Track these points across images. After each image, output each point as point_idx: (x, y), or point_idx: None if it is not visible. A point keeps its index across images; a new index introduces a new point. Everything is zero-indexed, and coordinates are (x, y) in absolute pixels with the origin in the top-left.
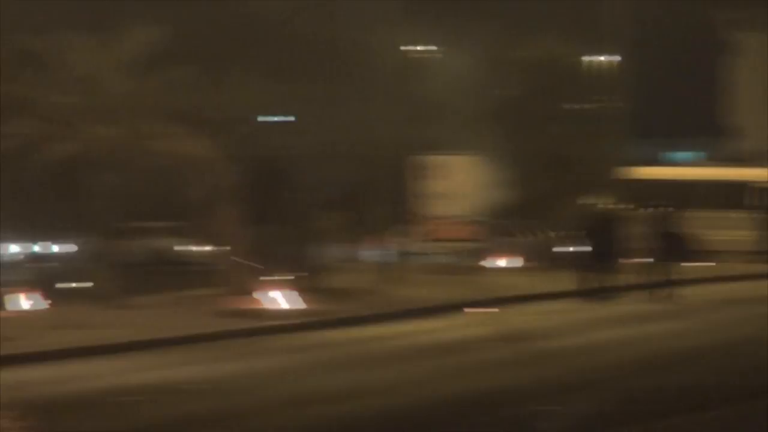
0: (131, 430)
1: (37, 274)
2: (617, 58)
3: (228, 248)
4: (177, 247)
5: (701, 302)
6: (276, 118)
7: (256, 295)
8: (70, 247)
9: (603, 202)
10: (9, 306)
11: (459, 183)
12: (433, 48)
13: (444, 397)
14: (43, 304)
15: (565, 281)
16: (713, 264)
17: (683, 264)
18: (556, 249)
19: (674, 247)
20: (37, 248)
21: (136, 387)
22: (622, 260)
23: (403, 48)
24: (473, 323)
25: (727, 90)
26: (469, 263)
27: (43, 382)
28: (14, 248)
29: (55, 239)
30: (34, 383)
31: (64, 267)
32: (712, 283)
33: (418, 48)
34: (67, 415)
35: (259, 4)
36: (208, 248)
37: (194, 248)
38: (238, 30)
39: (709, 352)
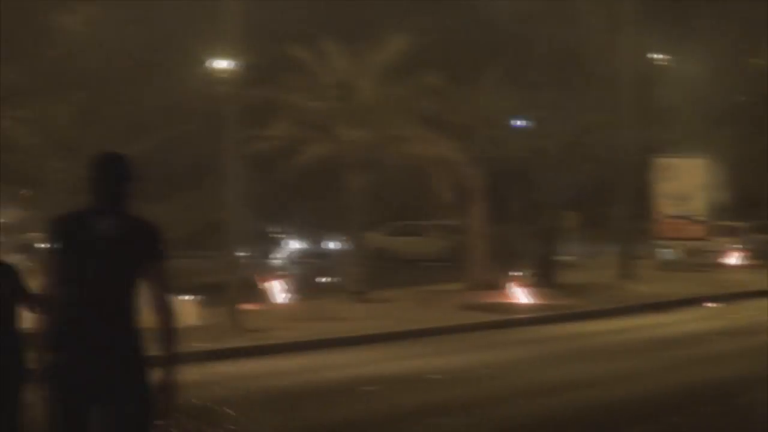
0: (374, 417)
1: (301, 269)
2: None
3: (473, 245)
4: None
5: None
6: (519, 122)
7: (497, 290)
8: (337, 245)
9: None
10: (269, 299)
11: (689, 184)
12: (667, 56)
13: (676, 387)
14: (297, 297)
15: None
16: None
17: None
18: None
19: None
20: (307, 245)
21: (381, 376)
22: None
23: (640, 55)
24: (706, 317)
25: None
26: (700, 261)
27: (295, 371)
28: (294, 244)
29: (324, 237)
30: (287, 372)
31: (324, 263)
32: None
33: (656, 55)
34: (315, 402)
35: (505, 14)
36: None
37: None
38: (484, 38)
39: None
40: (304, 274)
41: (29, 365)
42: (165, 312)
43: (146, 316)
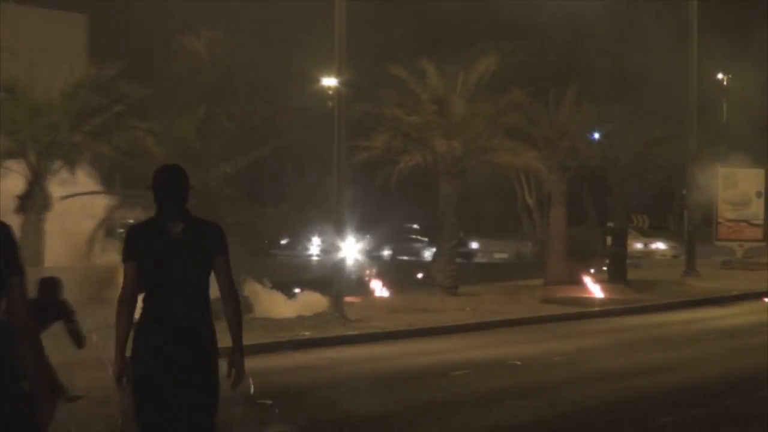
0: (462, 399)
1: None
2: None
3: (553, 245)
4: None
5: None
6: (595, 134)
7: (574, 285)
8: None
9: None
10: (370, 292)
11: (747, 191)
12: (728, 74)
13: (734, 373)
14: (395, 291)
15: None
16: None
17: None
18: None
19: None
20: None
21: (468, 362)
22: None
23: (704, 72)
24: (762, 311)
25: None
26: (757, 260)
27: (392, 357)
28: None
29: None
30: (386, 358)
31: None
32: None
33: (719, 75)
34: (410, 385)
35: (582, 36)
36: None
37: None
38: (564, 58)
39: None
40: (403, 271)
41: None
42: (232, 301)
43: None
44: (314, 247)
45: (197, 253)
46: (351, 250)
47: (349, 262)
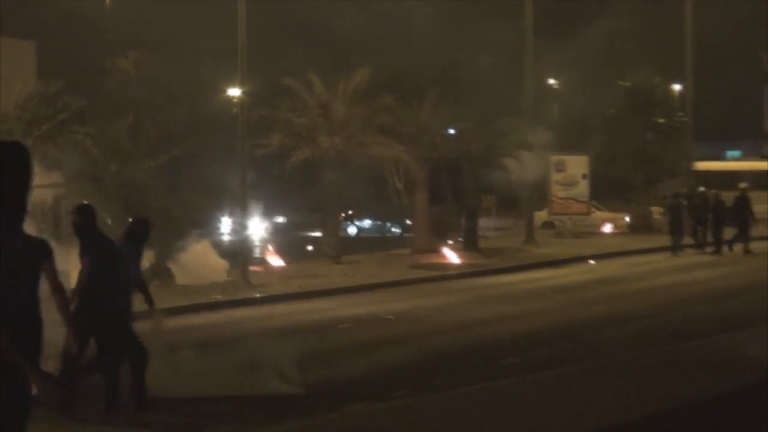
0: (347, 346)
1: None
2: (686, 83)
3: (418, 221)
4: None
5: (736, 255)
6: (451, 130)
7: (435, 253)
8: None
9: (677, 187)
10: (270, 263)
11: (574, 174)
12: (559, 80)
13: (565, 322)
14: (283, 261)
15: (651, 241)
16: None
17: (726, 228)
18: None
19: (720, 216)
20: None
21: (351, 317)
22: (689, 227)
23: (540, 79)
24: (587, 271)
25: (765, 106)
26: (583, 230)
27: (288, 314)
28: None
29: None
30: (281, 315)
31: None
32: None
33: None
34: (305, 336)
35: (440, 48)
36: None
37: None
38: (426, 67)
39: (744, 290)
40: (296, 244)
41: None
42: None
43: None
44: (225, 227)
45: None
46: (255, 228)
47: (253, 237)
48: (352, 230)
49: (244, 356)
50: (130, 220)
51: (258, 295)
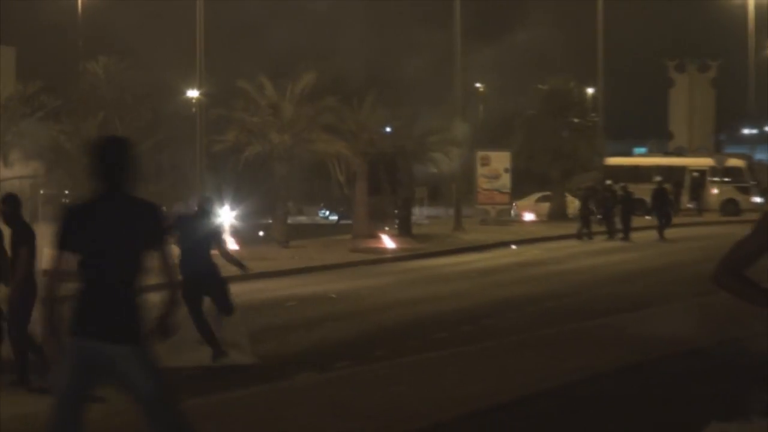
0: (294, 323)
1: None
2: (598, 87)
3: (358, 210)
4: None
5: (646, 241)
6: (388, 128)
7: (374, 239)
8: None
9: (592, 181)
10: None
11: (497, 168)
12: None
13: (489, 301)
14: (238, 245)
15: (567, 229)
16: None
17: (635, 217)
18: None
19: (629, 206)
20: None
21: (297, 296)
22: (601, 216)
23: (468, 82)
24: (509, 255)
25: (669, 108)
26: (506, 219)
27: (242, 293)
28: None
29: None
30: (235, 294)
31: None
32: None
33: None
34: (257, 313)
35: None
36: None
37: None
38: (366, 70)
39: (653, 272)
40: (249, 231)
41: None
42: None
43: None
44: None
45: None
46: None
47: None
48: (333, 217)
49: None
50: (198, 200)
51: None
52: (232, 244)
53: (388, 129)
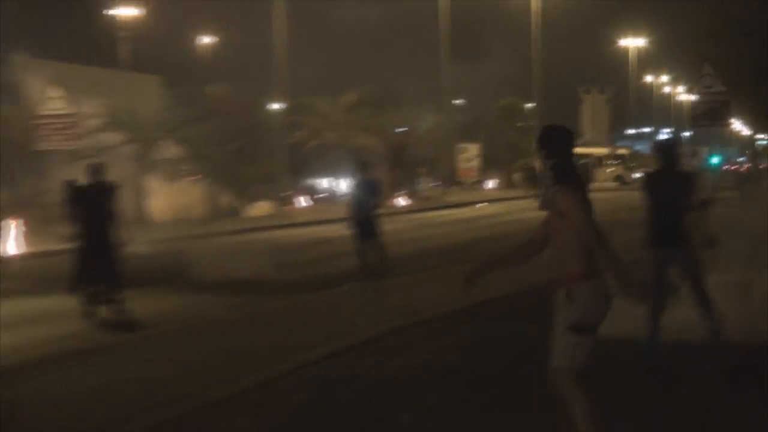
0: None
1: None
2: (537, 103)
3: (385, 181)
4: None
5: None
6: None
7: (394, 200)
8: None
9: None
10: (295, 204)
11: (471, 155)
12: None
13: (462, 240)
14: (308, 203)
15: (515, 193)
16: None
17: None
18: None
19: None
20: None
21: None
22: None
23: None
24: (478, 210)
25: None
26: (474, 188)
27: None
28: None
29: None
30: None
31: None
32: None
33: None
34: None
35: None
36: None
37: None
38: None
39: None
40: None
41: None
42: None
43: None
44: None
45: None
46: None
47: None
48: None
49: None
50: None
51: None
52: (304, 201)
53: (400, 129)
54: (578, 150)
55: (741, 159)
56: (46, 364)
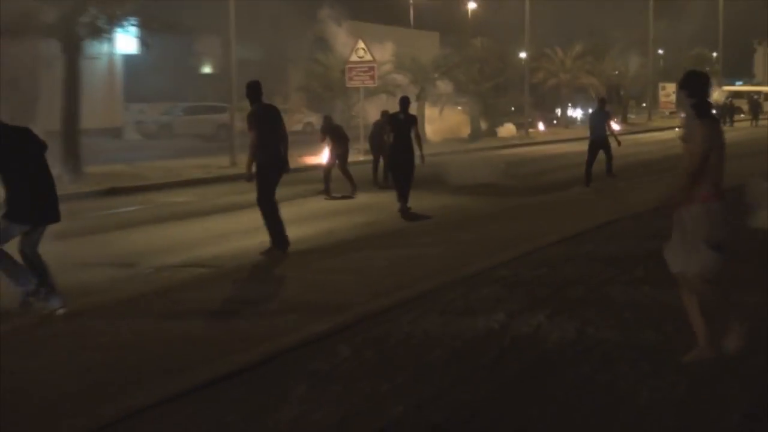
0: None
1: None
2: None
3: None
4: None
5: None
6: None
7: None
8: None
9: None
10: (537, 128)
11: (668, 92)
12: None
13: (657, 157)
14: (545, 127)
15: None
16: None
17: None
18: None
19: None
20: None
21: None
22: None
23: None
24: (672, 134)
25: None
26: (671, 117)
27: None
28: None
29: None
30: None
31: None
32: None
33: None
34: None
35: None
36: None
37: None
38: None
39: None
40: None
41: None
42: None
43: None
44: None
45: None
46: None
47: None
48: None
49: None
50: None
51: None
52: (541, 126)
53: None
54: (752, 88)
55: None
56: (360, 241)
